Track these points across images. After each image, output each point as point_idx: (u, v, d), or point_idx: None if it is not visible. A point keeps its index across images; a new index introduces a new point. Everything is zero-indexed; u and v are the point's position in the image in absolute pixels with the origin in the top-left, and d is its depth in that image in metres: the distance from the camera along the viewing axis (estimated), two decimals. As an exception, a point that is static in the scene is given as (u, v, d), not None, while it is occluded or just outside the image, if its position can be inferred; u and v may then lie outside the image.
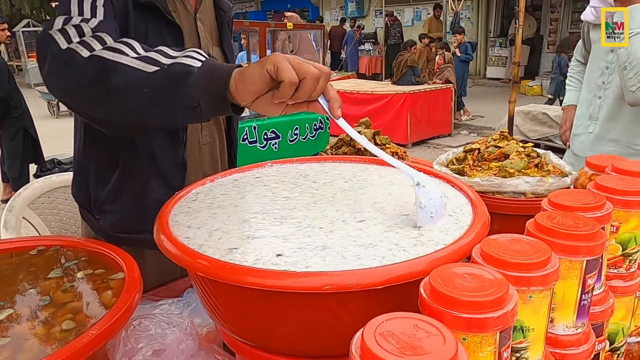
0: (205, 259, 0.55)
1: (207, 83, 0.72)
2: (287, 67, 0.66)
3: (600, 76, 1.79)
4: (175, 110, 0.76)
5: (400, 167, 0.69)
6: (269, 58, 0.68)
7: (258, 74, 0.68)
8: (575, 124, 1.91)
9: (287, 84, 0.66)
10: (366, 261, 0.54)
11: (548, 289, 0.50)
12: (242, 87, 0.70)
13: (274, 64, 0.66)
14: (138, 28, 1.02)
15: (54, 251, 1.01)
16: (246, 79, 0.69)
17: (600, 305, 0.66)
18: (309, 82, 0.67)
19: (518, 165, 1.15)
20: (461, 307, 0.41)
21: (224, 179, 0.88)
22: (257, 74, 0.68)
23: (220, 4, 1.22)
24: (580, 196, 0.67)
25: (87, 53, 0.81)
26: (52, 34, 0.85)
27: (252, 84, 0.69)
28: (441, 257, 0.52)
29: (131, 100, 0.78)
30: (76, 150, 1.21)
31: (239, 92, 0.70)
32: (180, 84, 0.73)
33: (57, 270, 0.93)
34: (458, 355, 0.35)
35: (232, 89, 0.71)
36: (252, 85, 0.69)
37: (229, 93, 0.71)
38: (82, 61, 0.80)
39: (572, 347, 0.58)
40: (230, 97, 0.71)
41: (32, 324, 0.77)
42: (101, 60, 0.79)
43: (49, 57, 0.84)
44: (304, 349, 0.56)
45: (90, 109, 0.88)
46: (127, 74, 0.77)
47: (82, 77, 0.80)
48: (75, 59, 0.81)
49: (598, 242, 0.56)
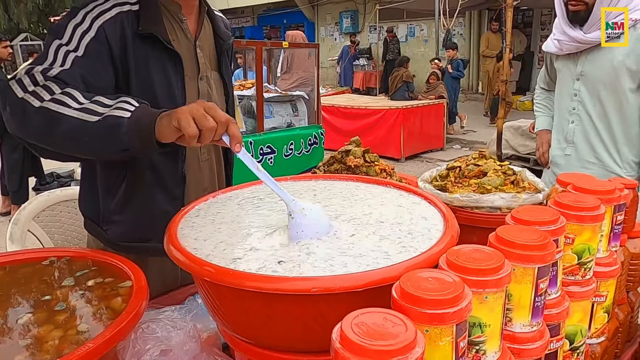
0: (211, 266, 0.63)
1: (136, 131, 0.90)
2: (188, 122, 0.83)
3: (570, 102, 1.88)
4: (113, 151, 0.94)
5: (282, 196, 0.78)
6: (175, 113, 0.86)
7: (168, 127, 0.87)
8: (553, 146, 2.00)
9: (188, 137, 0.84)
10: (351, 268, 0.63)
11: (501, 290, 0.59)
12: (161, 134, 0.89)
13: (177, 120, 0.84)
14: (140, 55, 1.12)
15: (65, 262, 1.08)
16: (160, 130, 0.88)
17: (557, 307, 0.75)
18: (207, 132, 0.84)
19: (495, 182, 1.25)
20: (424, 305, 0.50)
21: (223, 196, 0.97)
22: (167, 126, 0.87)
23: (219, 33, 1.33)
24: (539, 212, 0.77)
25: (38, 103, 0.95)
26: (10, 84, 0.99)
27: (166, 134, 0.88)
28: (412, 265, 0.62)
29: (76, 145, 0.96)
30: (84, 166, 1.30)
31: (162, 136, 0.89)
32: (113, 134, 0.90)
33: (69, 279, 1.01)
34: (416, 339, 0.44)
35: (156, 133, 0.89)
36: (166, 135, 0.88)
37: (154, 136, 0.89)
38: (32, 111, 0.95)
39: (528, 343, 0.67)
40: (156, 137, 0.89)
41: (50, 327, 0.85)
42: (48, 111, 0.94)
43: (7, 105, 0.98)
44: (296, 345, 0.65)
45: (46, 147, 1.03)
46: (69, 124, 0.93)
47: (34, 125, 0.96)
48: (27, 108, 0.96)
49: (548, 252, 0.65)
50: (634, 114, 1.75)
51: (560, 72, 1.92)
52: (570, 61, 1.86)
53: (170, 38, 1.16)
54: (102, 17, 1.08)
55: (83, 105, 0.94)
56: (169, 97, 1.16)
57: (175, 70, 1.18)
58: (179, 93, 1.19)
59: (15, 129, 1.00)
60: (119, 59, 1.10)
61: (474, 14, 12.55)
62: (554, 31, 1.89)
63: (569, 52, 1.84)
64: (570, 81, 1.86)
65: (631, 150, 1.78)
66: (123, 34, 1.10)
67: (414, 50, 14.02)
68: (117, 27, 1.09)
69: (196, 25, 1.27)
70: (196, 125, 0.84)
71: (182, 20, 1.22)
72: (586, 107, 1.83)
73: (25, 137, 1.00)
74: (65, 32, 1.06)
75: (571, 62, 1.86)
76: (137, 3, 1.13)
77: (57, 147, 1.00)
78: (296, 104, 4.59)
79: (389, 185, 0.98)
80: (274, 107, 4.43)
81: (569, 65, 1.87)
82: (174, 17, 1.20)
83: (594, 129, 1.82)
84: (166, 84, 1.16)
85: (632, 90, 1.72)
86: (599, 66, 1.76)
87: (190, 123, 0.83)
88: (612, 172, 1.79)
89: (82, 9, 1.09)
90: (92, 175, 1.26)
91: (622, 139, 1.78)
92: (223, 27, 1.36)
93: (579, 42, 1.77)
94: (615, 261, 0.91)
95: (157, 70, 1.15)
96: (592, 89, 1.80)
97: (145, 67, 1.13)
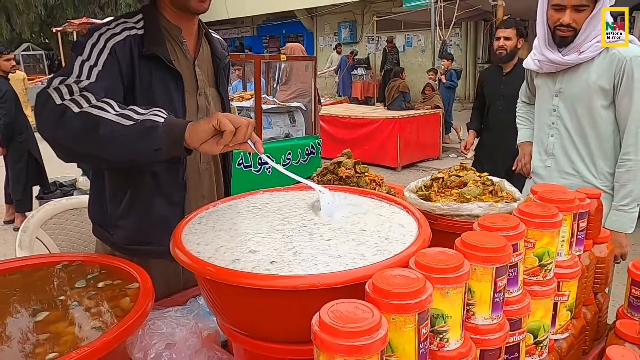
0: (212, 266, 0.73)
1: (169, 132, 1.02)
2: (227, 121, 0.98)
3: (549, 117, 1.98)
4: (142, 151, 1.04)
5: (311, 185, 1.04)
6: (215, 115, 1.00)
7: (206, 126, 1.00)
8: (534, 157, 2.10)
9: (228, 132, 0.98)
10: (333, 267, 0.73)
11: (461, 286, 0.68)
12: (194, 135, 1.01)
13: (218, 120, 0.98)
14: (144, 74, 1.25)
15: (77, 266, 1.18)
16: (198, 129, 1.01)
17: (518, 304, 0.84)
18: (242, 129, 1.00)
19: (474, 192, 1.34)
20: (391, 297, 0.60)
21: (223, 205, 1.07)
22: (206, 126, 1.00)
23: (216, 53, 1.46)
24: (502, 220, 0.86)
25: (77, 109, 1.06)
26: (49, 92, 1.10)
27: (203, 132, 1.00)
28: (385, 265, 0.71)
29: (112, 145, 1.05)
30: (93, 178, 1.40)
31: (191, 139, 1.01)
32: (150, 135, 1.03)
33: (81, 281, 1.10)
34: (381, 323, 0.54)
35: (186, 137, 1.02)
36: (202, 134, 1.00)
37: (184, 138, 1.01)
38: (72, 115, 1.05)
39: (489, 334, 0.77)
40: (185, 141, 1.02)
41: (65, 323, 0.95)
42: (88, 115, 1.05)
43: (45, 110, 1.09)
44: (286, 335, 0.74)
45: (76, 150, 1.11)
46: (108, 126, 1.04)
47: (73, 128, 1.06)
48: (68, 113, 1.06)
49: (505, 254, 0.75)
50: (607, 129, 1.85)
51: (540, 88, 2.03)
52: (549, 79, 1.96)
53: (171, 58, 1.28)
54: (113, 39, 1.21)
55: (120, 111, 1.06)
56: (171, 111, 1.27)
57: (176, 87, 1.30)
58: (180, 107, 1.31)
59: (51, 131, 1.09)
60: (126, 77, 1.22)
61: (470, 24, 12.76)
62: (533, 51, 1.98)
63: (548, 71, 1.95)
64: (550, 97, 1.97)
65: (606, 162, 1.88)
66: (131, 54, 1.22)
67: (411, 60, 14.22)
68: (126, 49, 1.22)
69: (195, 46, 1.39)
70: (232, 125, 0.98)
71: (182, 42, 1.34)
72: (564, 122, 1.93)
73: (59, 139, 1.09)
74: (85, 49, 1.18)
75: (550, 79, 1.96)
76: (142, 27, 1.26)
77: (93, 148, 1.08)
78: (294, 115, 4.70)
79: (373, 196, 1.08)
80: (272, 118, 4.55)
81: (548, 82, 1.97)
82: (174, 39, 1.33)
83: (572, 142, 1.92)
84: (168, 100, 1.28)
85: (605, 107, 1.83)
86: (576, 85, 1.87)
87: (228, 122, 0.98)
88: (589, 182, 1.89)
89: (97, 31, 1.22)
90: (100, 185, 1.37)
91: (597, 152, 1.88)
92: (220, 48, 1.49)
93: (558, 63, 1.88)
94: (576, 264, 1.01)
95: (159, 86, 1.27)
96: (569, 106, 1.90)
97: (149, 84, 1.25)
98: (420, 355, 0.62)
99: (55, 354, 0.84)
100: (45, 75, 15.82)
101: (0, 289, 1.06)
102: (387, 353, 0.61)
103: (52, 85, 1.12)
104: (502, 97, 3.29)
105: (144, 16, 1.28)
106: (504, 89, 3.30)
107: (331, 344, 0.51)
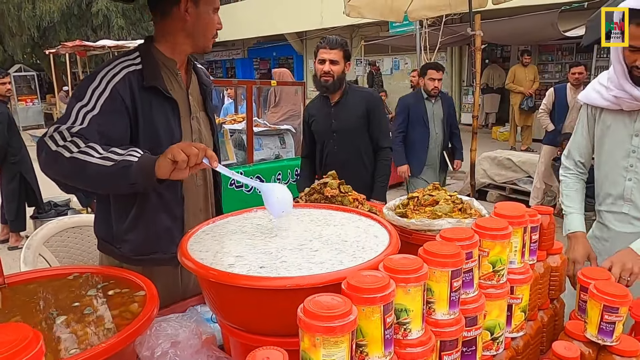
0: (215, 270, 0.88)
1: (141, 170, 1.23)
2: (178, 151, 1.18)
3: (627, 159, 1.76)
4: (123, 185, 1.26)
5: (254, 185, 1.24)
6: (168, 149, 1.21)
7: (164, 161, 1.20)
8: (606, 202, 1.85)
9: (181, 161, 1.18)
10: (315, 271, 0.88)
11: (420, 285, 0.83)
12: (159, 170, 1.21)
13: (171, 152, 1.19)
14: (145, 104, 1.43)
15: (87, 276, 1.31)
16: (160, 164, 1.21)
17: (474, 303, 0.99)
18: (193, 157, 1.19)
19: (445, 209, 1.50)
20: (361, 292, 0.75)
21: (222, 221, 1.22)
22: (164, 161, 1.20)
23: (202, 81, 1.67)
24: (460, 232, 1.02)
25: (68, 154, 1.27)
26: (45, 140, 1.31)
27: (164, 166, 1.20)
28: (359, 269, 0.86)
29: (96, 182, 1.29)
30: (99, 200, 1.55)
31: (160, 172, 1.21)
32: (125, 173, 1.24)
33: (92, 290, 1.23)
34: (351, 310, 0.68)
35: (156, 171, 1.22)
36: (164, 168, 1.20)
37: (154, 173, 1.21)
38: (64, 160, 1.26)
39: (447, 327, 0.91)
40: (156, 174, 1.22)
41: (82, 325, 1.07)
42: (77, 160, 1.25)
43: (44, 155, 1.30)
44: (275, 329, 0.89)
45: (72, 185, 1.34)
46: (92, 168, 1.25)
47: (66, 170, 1.28)
48: (60, 158, 1.26)
49: (458, 259, 0.90)
50: None
51: (611, 127, 1.80)
52: (627, 117, 1.75)
53: (168, 88, 1.46)
54: (114, 80, 1.39)
55: (102, 154, 1.26)
56: (169, 133, 1.46)
57: (173, 113, 1.48)
58: (176, 130, 1.49)
59: (50, 171, 1.31)
60: (130, 109, 1.40)
61: (454, 49, 13.18)
62: (608, 85, 1.74)
63: (629, 109, 1.72)
64: (627, 137, 1.75)
65: None
66: (131, 89, 1.40)
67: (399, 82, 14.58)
68: (127, 85, 1.40)
69: (186, 76, 1.57)
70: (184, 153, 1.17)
71: (177, 73, 1.53)
72: None
73: (57, 177, 1.32)
74: (86, 94, 1.36)
75: (628, 118, 1.74)
76: (140, 63, 1.43)
77: (83, 185, 1.32)
78: (284, 137, 4.88)
79: (353, 212, 1.23)
80: (263, 140, 4.72)
81: (625, 120, 1.75)
82: (170, 71, 1.52)
83: None
84: (167, 124, 1.46)
85: None
86: None
87: (180, 152, 1.18)
88: None
89: (98, 74, 1.40)
90: (105, 206, 1.52)
91: None
92: (204, 76, 1.70)
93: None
94: (528, 271, 1.17)
95: (159, 113, 1.44)
96: None
97: (149, 112, 1.43)
98: (385, 340, 0.77)
99: (76, 350, 0.96)
100: (36, 95, 15.85)
101: (21, 297, 1.19)
102: (359, 338, 0.75)
103: (48, 133, 1.31)
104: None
105: (141, 53, 1.47)
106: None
107: (312, 325, 0.66)
